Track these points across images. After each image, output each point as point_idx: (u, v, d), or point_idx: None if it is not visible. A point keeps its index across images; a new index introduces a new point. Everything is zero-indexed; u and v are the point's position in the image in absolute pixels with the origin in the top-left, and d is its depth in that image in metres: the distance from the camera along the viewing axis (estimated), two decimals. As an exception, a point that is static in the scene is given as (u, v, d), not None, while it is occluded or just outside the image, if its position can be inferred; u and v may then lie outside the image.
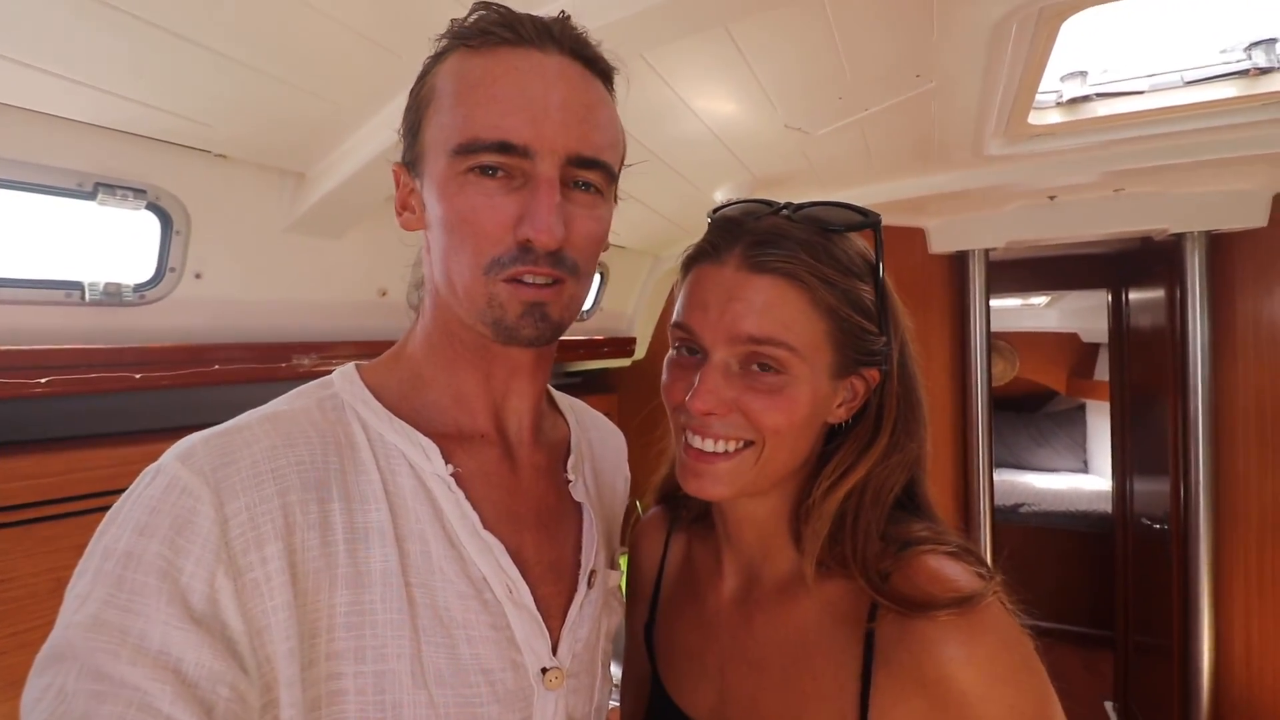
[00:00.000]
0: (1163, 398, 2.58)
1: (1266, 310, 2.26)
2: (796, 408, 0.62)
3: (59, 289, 1.15)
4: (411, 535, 0.58)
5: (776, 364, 0.62)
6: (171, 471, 0.50)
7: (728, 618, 0.72)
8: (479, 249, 0.57)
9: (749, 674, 0.67)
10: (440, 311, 0.64)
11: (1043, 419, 6.02)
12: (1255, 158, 1.81)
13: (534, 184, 0.56)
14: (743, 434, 0.63)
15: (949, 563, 0.59)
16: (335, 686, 0.52)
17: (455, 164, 0.56)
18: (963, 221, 2.55)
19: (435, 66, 0.61)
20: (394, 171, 0.65)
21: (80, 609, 0.45)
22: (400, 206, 0.65)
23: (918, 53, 1.25)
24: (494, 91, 0.56)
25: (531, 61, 0.57)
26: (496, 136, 0.55)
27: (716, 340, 0.62)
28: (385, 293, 1.68)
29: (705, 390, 0.62)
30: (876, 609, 0.60)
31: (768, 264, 0.62)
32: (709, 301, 0.63)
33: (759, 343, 0.61)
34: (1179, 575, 2.43)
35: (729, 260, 0.63)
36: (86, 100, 1.00)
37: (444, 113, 0.58)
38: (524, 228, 0.56)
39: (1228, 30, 1.50)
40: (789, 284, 0.61)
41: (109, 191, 1.13)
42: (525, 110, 0.55)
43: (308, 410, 0.59)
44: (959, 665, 0.54)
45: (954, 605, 0.55)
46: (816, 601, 0.64)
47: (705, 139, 1.60)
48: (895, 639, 0.57)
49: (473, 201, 0.56)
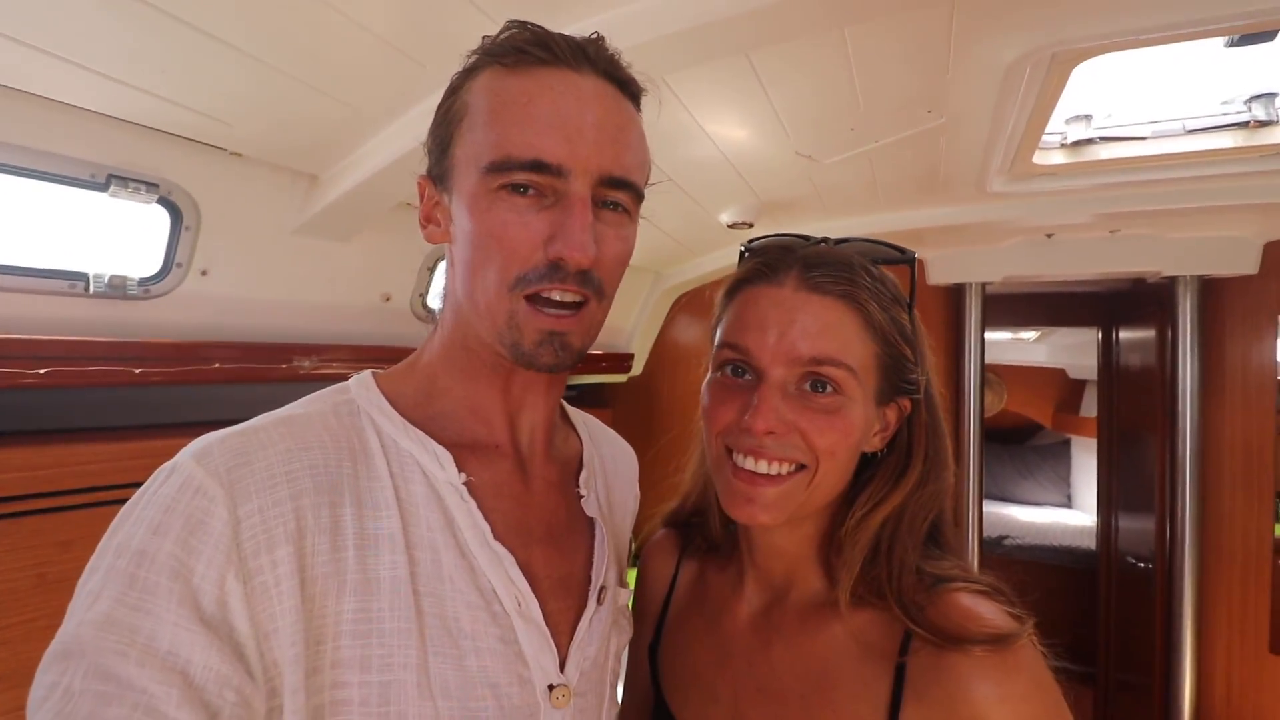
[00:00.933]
0: (1150, 436, 2.61)
1: (1255, 354, 2.30)
2: (852, 429, 0.62)
3: (63, 279, 1.14)
4: (422, 543, 0.57)
5: (834, 385, 0.62)
6: (187, 471, 0.50)
7: (745, 642, 0.71)
8: (506, 264, 0.57)
9: (765, 702, 0.66)
10: (460, 325, 0.64)
11: (1028, 452, 6.07)
12: (1249, 207, 1.85)
13: (566, 203, 0.56)
14: (797, 456, 0.62)
15: (983, 601, 0.59)
16: (340, 696, 0.51)
17: (487, 181, 0.56)
18: (961, 255, 2.58)
19: (467, 82, 0.61)
20: (419, 184, 0.64)
21: (92, 606, 0.44)
22: (425, 219, 0.65)
23: (931, 89, 1.28)
24: (529, 110, 0.56)
25: (567, 82, 0.57)
26: (531, 155, 0.55)
27: (776, 360, 0.62)
28: (389, 298, 1.68)
29: (767, 409, 0.61)
30: (908, 642, 0.59)
31: (826, 285, 0.62)
32: (767, 322, 0.63)
33: (819, 363, 0.61)
34: (1162, 613, 2.44)
35: (786, 281, 0.64)
36: (105, 91, 1.00)
37: (477, 129, 0.58)
38: (556, 245, 0.56)
39: (1229, 82, 1.54)
40: (847, 306, 0.62)
41: (121, 184, 1.13)
42: (560, 129, 0.56)
43: (323, 415, 0.59)
44: (992, 704, 0.53)
45: (990, 642, 0.55)
46: (843, 631, 0.63)
47: (715, 161, 1.62)
48: (929, 674, 0.57)
49: (503, 218, 0.56)
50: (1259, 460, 2.29)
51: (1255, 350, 2.31)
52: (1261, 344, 2.29)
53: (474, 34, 0.59)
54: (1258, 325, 2.30)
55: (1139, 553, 2.76)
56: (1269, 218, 2.10)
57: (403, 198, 1.41)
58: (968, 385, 2.65)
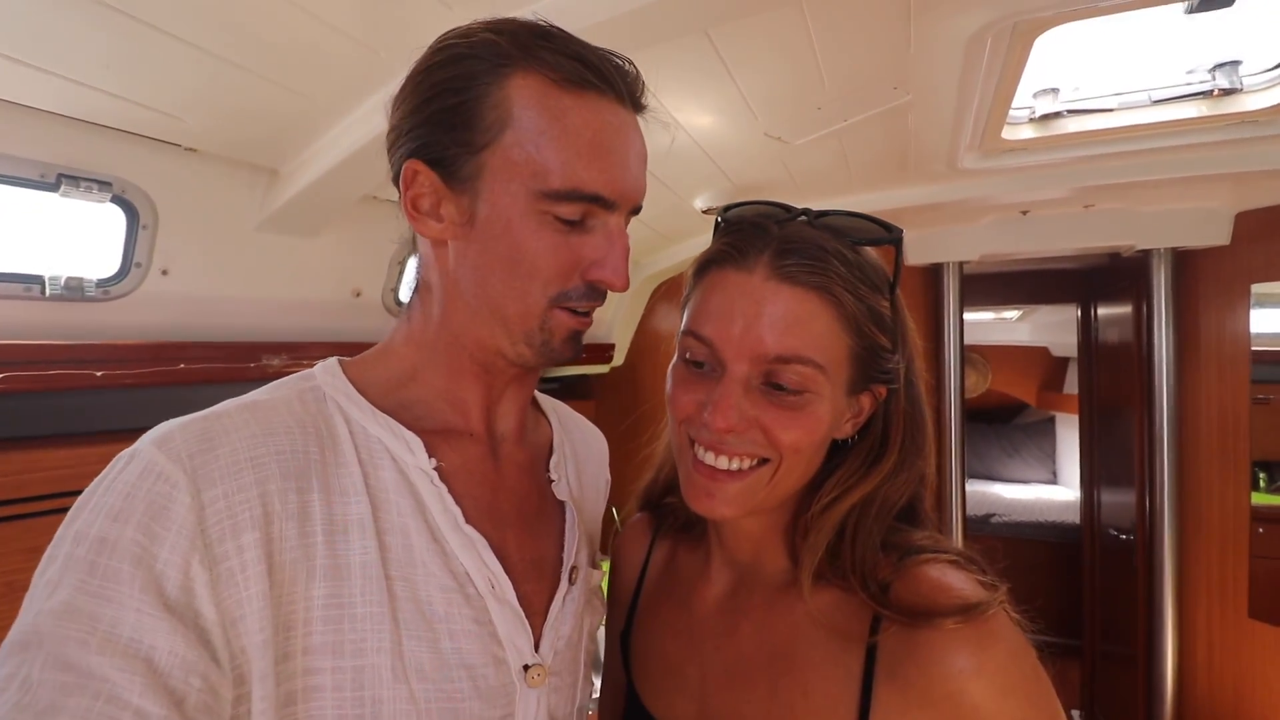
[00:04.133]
0: (1129, 410, 2.64)
1: (1229, 325, 2.32)
2: (818, 426, 0.60)
3: (18, 282, 1.11)
4: (392, 528, 0.57)
5: (801, 382, 0.58)
6: (147, 457, 0.49)
7: (712, 625, 0.69)
8: (548, 283, 0.59)
9: (733, 686, 0.65)
10: (454, 321, 0.62)
11: (1013, 431, 6.12)
12: (1219, 177, 1.86)
13: (608, 232, 0.60)
14: (759, 451, 0.60)
15: (951, 571, 0.58)
16: (312, 682, 0.51)
17: (540, 203, 0.57)
18: (937, 234, 2.59)
19: (501, 79, 0.56)
20: (408, 169, 0.59)
21: (52, 595, 0.44)
22: (414, 208, 0.60)
23: (895, 65, 1.27)
24: (595, 145, 0.57)
25: (620, 118, 0.60)
26: (593, 190, 0.57)
27: (740, 355, 0.59)
28: (360, 293, 1.66)
29: (727, 406, 0.58)
30: (879, 622, 0.57)
31: (799, 275, 0.58)
32: (733, 313, 0.59)
33: (785, 361, 0.58)
34: (1144, 583, 2.48)
35: (756, 268, 0.59)
36: (52, 88, 0.97)
37: (530, 146, 0.56)
38: (599, 272, 0.60)
39: (1193, 52, 1.55)
40: (819, 298, 0.58)
41: (73, 183, 1.10)
42: (617, 167, 0.58)
43: (288, 401, 0.58)
44: (969, 677, 0.52)
45: (960, 614, 0.53)
46: (810, 613, 0.62)
47: (687, 146, 1.61)
48: (901, 653, 0.55)
49: (552, 241, 0.58)
50: (1235, 430, 2.32)
51: (1229, 321, 2.33)
52: (1235, 315, 2.31)
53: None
54: (1230, 296, 2.32)
55: (1121, 525, 2.80)
56: (1239, 187, 2.11)
57: (367, 190, 1.39)
58: (948, 365, 2.66)
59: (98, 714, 0.41)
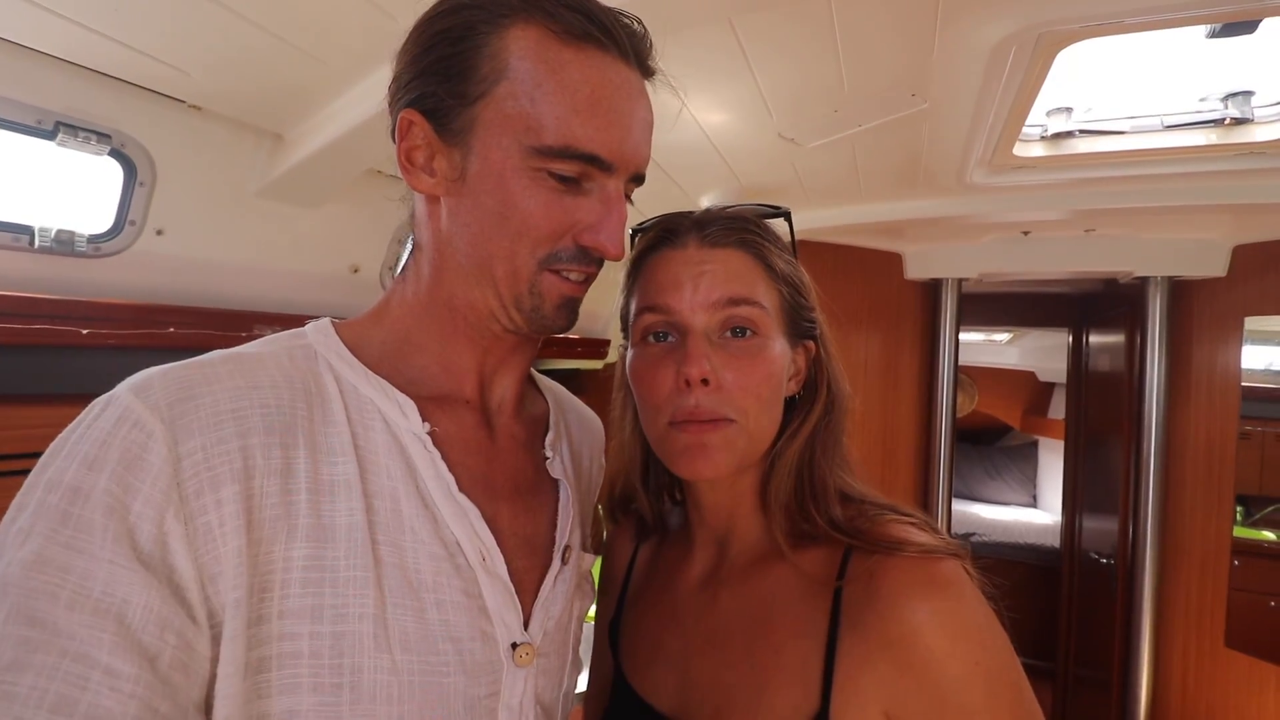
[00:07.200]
0: (1117, 437, 2.66)
1: (1220, 357, 2.35)
2: (775, 367, 0.66)
3: (6, 231, 1.07)
4: (381, 492, 0.54)
5: (752, 325, 0.65)
6: (124, 403, 0.47)
7: (693, 602, 0.71)
8: (538, 243, 0.57)
9: (711, 653, 0.66)
10: (446, 283, 0.60)
11: (996, 453, 6.17)
12: (1221, 208, 1.88)
13: (605, 196, 0.57)
14: (729, 413, 0.64)
15: (914, 529, 0.62)
16: (288, 648, 0.48)
17: (533, 159, 0.54)
18: (939, 250, 2.59)
19: (499, 29, 0.54)
20: (402, 119, 0.57)
21: (23, 545, 0.42)
22: (410, 162, 0.58)
23: (916, 71, 1.26)
24: (593, 102, 0.54)
25: (622, 76, 0.57)
26: (590, 149, 0.55)
27: (696, 310, 0.64)
28: (358, 269, 1.63)
29: (698, 355, 0.62)
30: (846, 564, 0.61)
31: (726, 238, 0.67)
32: (680, 279, 0.65)
33: (735, 304, 0.64)
34: (1122, 608, 2.49)
35: (689, 242, 0.67)
36: (55, 31, 0.94)
37: (525, 100, 0.54)
38: (593, 236, 0.57)
39: (1208, 79, 1.56)
40: (747, 254, 0.67)
41: (70, 132, 1.06)
42: (617, 127, 0.56)
43: (276, 356, 0.56)
44: (923, 619, 0.55)
45: (923, 550, 0.58)
46: (785, 571, 0.65)
47: (699, 144, 1.59)
48: (862, 600, 0.58)
49: (544, 199, 0.55)
50: (1221, 462, 2.34)
51: (1221, 353, 2.35)
52: (1227, 347, 2.34)
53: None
54: (1224, 328, 2.34)
55: (1102, 549, 2.82)
56: (1238, 220, 2.14)
57: (373, 164, 1.36)
58: (941, 383, 2.67)
59: (64, 673, 0.39)
